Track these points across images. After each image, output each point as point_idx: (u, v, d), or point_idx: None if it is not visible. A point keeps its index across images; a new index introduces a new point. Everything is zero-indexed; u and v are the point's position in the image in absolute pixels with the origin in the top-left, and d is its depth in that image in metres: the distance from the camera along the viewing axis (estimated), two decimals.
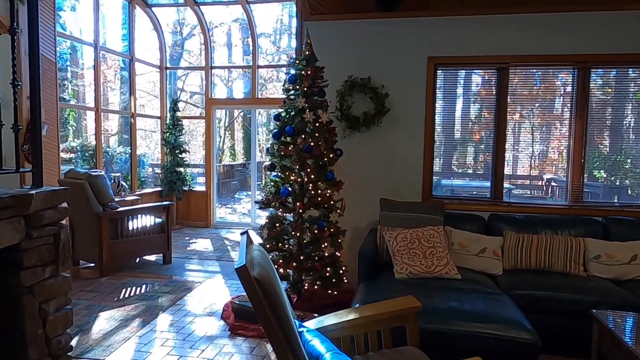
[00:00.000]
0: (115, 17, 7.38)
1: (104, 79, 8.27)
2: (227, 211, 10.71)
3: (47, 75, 5.31)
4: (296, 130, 3.72)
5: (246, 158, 14.26)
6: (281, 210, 3.84)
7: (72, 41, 6.49)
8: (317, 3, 4.15)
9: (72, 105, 6.94)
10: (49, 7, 5.25)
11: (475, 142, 4.64)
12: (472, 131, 4.59)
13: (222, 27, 11.05)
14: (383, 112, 4.25)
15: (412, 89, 4.27)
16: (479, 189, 4.89)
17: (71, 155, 7.06)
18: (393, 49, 4.27)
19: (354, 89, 4.25)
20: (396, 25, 4.22)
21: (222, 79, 12.70)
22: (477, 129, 4.56)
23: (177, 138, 7.75)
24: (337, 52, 4.35)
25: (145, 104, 10.32)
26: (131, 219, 5.22)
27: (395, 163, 4.37)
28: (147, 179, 8.43)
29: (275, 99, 10.25)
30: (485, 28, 4.13)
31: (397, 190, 4.34)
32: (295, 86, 3.77)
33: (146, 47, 8.12)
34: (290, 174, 3.77)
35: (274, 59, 12.33)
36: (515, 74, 4.29)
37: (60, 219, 2.58)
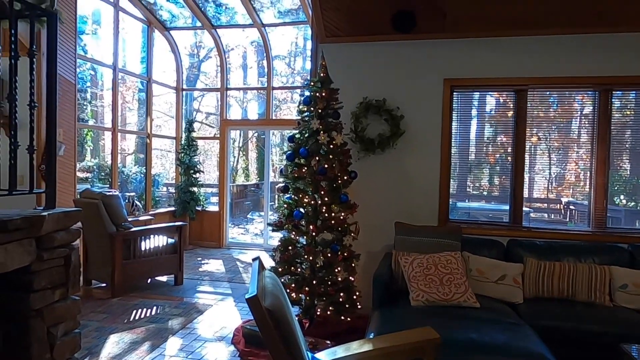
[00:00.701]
0: (136, 40, 7.55)
1: (122, 100, 8.42)
2: (240, 231, 10.67)
3: (66, 97, 5.41)
4: (310, 152, 3.69)
5: (259, 178, 14.29)
6: (294, 233, 3.78)
7: (92, 63, 6.63)
8: (332, 26, 4.16)
9: (90, 125, 7.05)
10: (70, 31, 5.38)
11: (491, 164, 4.54)
12: (488, 153, 4.50)
13: (238, 50, 11.23)
14: (398, 134, 4.20)
15: (428, 111, 4.22)
16: (495, 212, 4.77)
17: (88, 174, 7.13)
18: (409, 71, 4.25)
19: (369, 111, 4.22)
20: (412, 47, 4.20)
21: (238, 100, 12.84)
22: (493, 151, 4.48)
23: (192, 158, 7.79)
24: (352, 73, 4.34)
25: (162, 124, 10.46)
26: (144, 239, 5.20)
27: (410, 186, 4.30)
28: (162, 199, 8.47)
29: (289, 120, 10.30)
30: (502, 50, 4.09)
31: (413, 214, 4.25)
32: (310, 108, 3.76)
33: (164, 69, 8.28)
34: (303, 196, 3.72)
35: (288, 80, 12.46)
36: (534, 96, 4.22)
37: (72, 240, 2.56)
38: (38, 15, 2.38)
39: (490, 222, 4.46)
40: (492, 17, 3.95)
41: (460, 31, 4.02)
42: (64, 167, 5.45)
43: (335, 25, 4.14)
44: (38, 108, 4.92)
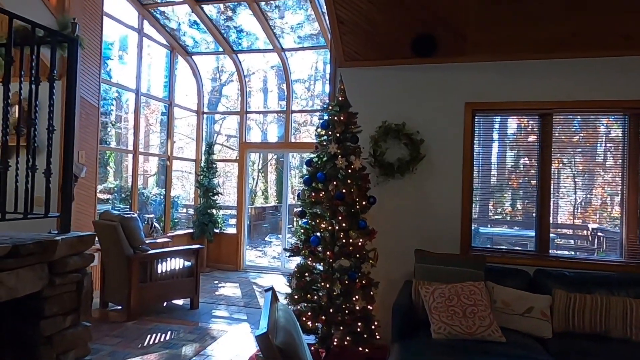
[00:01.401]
0: (159, 65, 7.73)
1: (146, 122, 8.58)
2: (258, 254, 10.60)
3: (89, 120, 5.52)
4: (328, 177, 3.62)
5: (278, 200, 14.27)
6: (311, 259, 3.68)
7: (115, 87, 6.79)
8: (351, 50, 4.15)
9: (112, 148, 7.18)
10: (95, 56, 5.53)
11: (514, 189, 4.39)
12: (511, 177, 4.35)
13: (259, 74, 11.40)
14: (418, 159, 4.10)
15: (449, 135, 4.12)
16: (519, 237, 4.60)
17: (109, 196, 7.22)
18: (429, 95, 4.18)
19: (388, 135, 4.15)
20: (432, 71, 4.14)
21: (258, 123, 12.97)
22: (516, 175, 4.33)
23: (211, 180, 7.83)
24: (371, 97, 4.30)
25: (183, 146, 10.61)
26: (161, 262, 5.18)
27: (431, 212, 4.17)
28: (181, 220, 8.50)
29: (308, 143, 10.29)
30: (526, 73, 3.99)
31: (433, 241, 4.11)
32: (328, 132, 3.71)
33: (186, 92, 8.44)
34: (320, 221, 3.64)
35: (307, 103, 12.56)
36: (559, 120, 4.08)
37: (85, 265, 2.52)
38: (59, 41, 2.41)
39: (515, 251, 4.28)
40: (514, 40, 3.87)
41: (482, 54, 3.95)
42: (85, 189, 5.52)
43: (354, 50, 4.13)
44: (61, 131, 5.01)
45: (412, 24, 3.82)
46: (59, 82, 5.06)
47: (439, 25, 3.80)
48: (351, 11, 3.76)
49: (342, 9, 3.73)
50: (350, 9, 3.74)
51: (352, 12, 3.77)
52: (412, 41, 3.91)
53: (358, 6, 3.71)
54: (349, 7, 3.73)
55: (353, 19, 3.84)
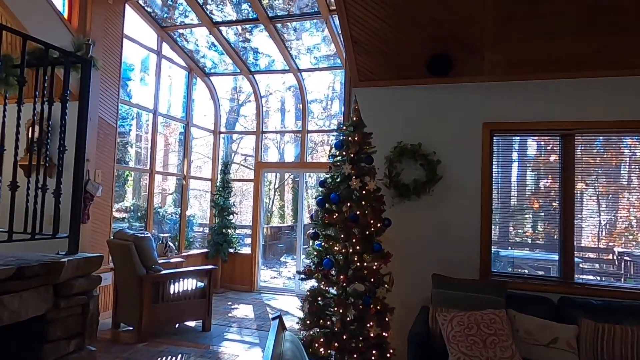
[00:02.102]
0: (179, 85, 7.84)
1: (165, 142, 8.68)
2: (272, 274, 10.48)
3: (107, 139, 5.59)
4: (342, 198, 3.54)
5: (294, 220, 14.20)
6: (324, 283, 3.57)
7: (132, 107, 6.89)
8: (366, 70, 4.11)
9: (129, 167, 7.25)
10: (114, 77, 5.63)
11: (535, 211, 4.22)
12: (532, 199, 4.19)
13: (276, 95, 11.50)
14: (435, 180, 4.00)
15: (466, 155, 4.02)
16: (541, 261, 4.41)
17: (125, 215, 7.26)
18: (445, 115, 4.09)
19: (404, 156, 4.07)
20: (448, 90, 4.07)
21: (275, 143, 13.04)
22: (537, 196, 4.17)
23: (226, 200, 7.82)
24: (386, 117, 4.24)
25: (201, 165, 10.70)
26: (173, 282, 5.13)
27: (448, 235, 4.03)
28: (196, 239, 8.48)
29: (324, 163, 10.26)
30: (546, 92, 3.88)
31: (451, 265, 3.96)
32: (342, 152, 3.65)
33: (205, 112, 8.52)
34: (334, 244, 3.54)
35: (324, 123, 12.58)
36: (581, 140, 3.94)
37: (91, 288, 2.48)
38: (73, 62, 2.43)
39: (537, 277, 4.09)
40: (533, 59, 3.78)
41: (500, 74, 3.86)
42: (100, 208, 5.55)
43: (368, 69, 4.09)
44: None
45: (427, 43, 3.77)
46: (76, 102, 5.18)
47: (454, 44, 3.73)
48: (365, 31, 3.74)
49: (356, 29, 3.71)
50: (364, 28, 3.71)
51: (366, 32, 3.74)
52: (427, 60, 3.86)
53: (372, 26, 3.69)
54: (363, 27, 3.70)
55: (367, 39, 3.81)
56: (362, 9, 3.55)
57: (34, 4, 4.59)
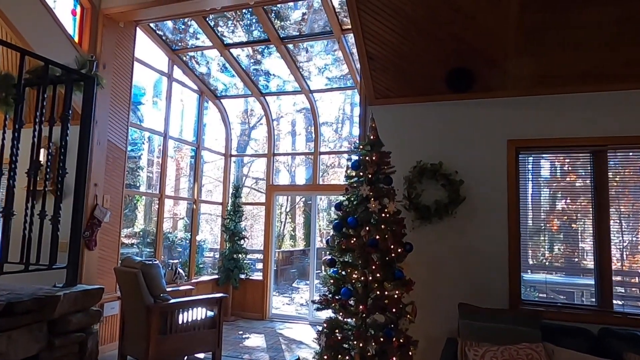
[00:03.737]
0: (190, 109, 7.78)
1: (177, 166, 8.57)
2: (285, 301, 10.17)
3: (116, 163, 5.47)
4: (359, 221, 3.32)
5: (306, 244, 13.93)
6: (342, 314, 3.31)
7: (143, 131, 6.81)
8: (382, 87, 3.95)
9: (138, 191, 7.12)
10: (124, 100, 5.56)
11: (565, 232, 3.94)
12: (562, 219, 3.92)
13: (287, 117, 11.44)
14: (458, 201, 3.76)
15: (491, 175, 3.79)
16: (574, 286, 4.10)
17: (134, 240, 7.09)
18: (467, 132, 3.89)
19: (424, 176, 3.85)
20: (470, 107, 3.87)
21: (286, 166, 12.92)
22: (568, 217, 3.90)
23: (237, 224, 7.63)
24: (403, 136, 4.04)
25: (212, 189, 10.57)
26: (182, 312, 4.88)
27: (474, 260, 3.77)
28: (207, 265, 8.26)
29: (336, 185, 10.04)
30: (574, 106, 3.67)
31: (477, 293, 3.68)
32: (359, 173, 3.44)
33: (216, 136, 8.44)
34: (352, 271, 3.30)
35: (335, 146, 12.47)
36: (614, 157, 3.69)
37: (90, 324, 2.27)
38: (75, 80, 2.29)
39: (572, 305, 3.78)
40: (559, 72, 3.58)
41: (524, 88, 3.66)
42: (108, 234, 5.39)
43: (385, 86, 3.92)
44: (87, 174, 4.94)
45: (447, 57, 3.60)
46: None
47: (475, 58, 3.56)
48: (381, 46, 3.58)
49: (372, 45, 3.56)
50: (380, 44, 3.56)
51: (382, 47, 3.59)
52: (446, 75, 3.68)
53: (388, 41, 3.53)
54: (379, 42, 3.55)
55: (383, 54, 3.66)
56: (378, 24, 3.41)
57: (44, 27, 4.56)
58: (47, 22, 4.63)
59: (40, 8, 4.56)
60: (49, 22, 4.65)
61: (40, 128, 2.09)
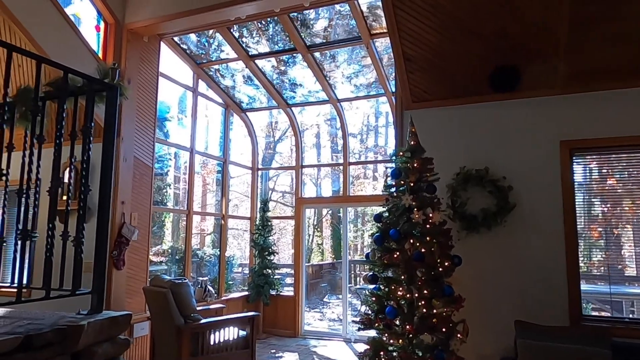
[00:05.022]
0: (215, 123, 7.70)
1: (203, 182, 8.50)
2: (316, 316, 9.88)
3: (143, 180, 5.37)
4: (402, 234, 3.06)
5: (335, 257, 13.64)
6: (386, 335, 3.04)
7: (169, 147, 6.74)
8: (419, 89, 3.70)
9: (165, 208, 7.02)
10: (150, 116, 5.47)
11: (628, 238, 3.56)
12: (624, 226, 3.55)
13: (312, 130, 11.30)
14: (507, 209, 3.45)
15: (542, 179, 3.47)
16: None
17: (162, 258, 6.99)
18: (514, 135, 3.59)
19: (469, 183, 3.57)
20: (517, 107, 3.57)
21: (311, 178, 12.75)
22: (632, 223, 3.52)
23: (266, 239, 7.44)
24: (444, 141, 3.77)
25: (238, 204, 10.47)
26: (214, 332, 4.69)
27: (527, 272, 3.44)
28: (236, 281, 8.09)
29: (365, 197, 9.80)
30: (634, 102, 3.32)
31: (533, 308, 3.35)
32: (400, 181, 3.20)
33: (241, 149, 8.32)
34: (396, 287, 3.03)
35: (360, 157, 12.26)
36: None
37: (117, 354, 2.06)
38: (97, 90, 2.13)
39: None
40: (615, 66, 3.26)
41: (577, 85, 3.35)
42: (137, 253, 5.27)
43: (422, 89, 3.67)
44: (114, 191, 4.85)
45: (490, 55, 3.33)
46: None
47: (522, 54, 3.28)
48: (419, 46, 3.35)
49: (408, 44, 3.33)
50: (417, 42, 3.33)
51: (420, 46, 3.36)
52: (490, 74, 3.41)
53: (426, 39, 3.30)
54: (417, 41, 3.32)
55: (421, 55, 3.42)
56: (415, 22, 3.18)
57: (67, 43, 4.52)
58: (72, 39, 4.60)
59: (64, 24, 4.53)
60: (73, 38, 4.62)
61: (60, 142, 1.93)
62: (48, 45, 4.25)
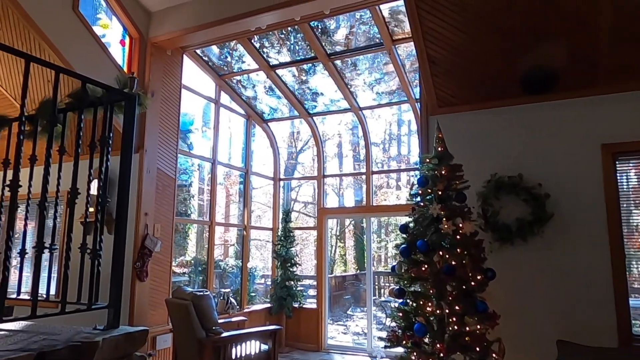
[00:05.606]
0: (237, 133, 7.69)
1: (227, 193, 8.48)
2: (340, 329, 9.66)
3: (166, 191, 5.36)
4: (431, 245, 2.90)
5: (359, 268, 13.42)
6: (415, 354, 2.87)
7: (193, 158, 6.74)
8: (446, 93, 3.55)
9: (188, 219, 7.00)
10: (173, 128, 5.49)
11: None
12: None
13: (334, 140, 11.22)
14: (544, 218, 3.25)
15: (583, 186, 3.26)
16: None
17: (185, 269, 6.96)
18: (550, 139, 3.39)
19: (501, 190, 3.38)
20: (552, 109, 3.38)
21: (334, 188, 12.64)
22: None
23: (288, 250, 7.33)
24: (473, 147, 3.61)
25: (261, 214, 10.42)
26: (235, 345, 4.59)
27: (568, 287, 3.22)
28: (258, 293, 7.99)
29: (388, 206, 9.62)
30: None
31: (576, 327, 3.12)
32: (427, 190, 3.05)
33: (263, 160, 8.28)
34: (425, 302, 2.87)
35: (383, 166, 12.10)
36: None
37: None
38: (116, 100, 2.08)
39: None
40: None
41: (620, 83, 3.14)
42: (159, 264, 5.24)
43: (449, 93, 3.52)
44: (137, 203, 4.82)
45: (523, 54, 3.17)
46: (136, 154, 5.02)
47: (557, 53, 3.10)
48: (444, 47, 3.21)
49: (433, 46, 3.20)
50: (443, 44, 3.19)
51: (445, 48, 3.22)
52: (522, 75, 3.23)
53: (452, 41, 3.16)
54: (442, 42, 3.18)
55: (447, 57, 3.28)
56: (440, 22, 3.05)
57: (94, 58, 4.57)
58: (98, 54, 4.66)
59: (91, 40, 4.60)
60: (100, 54, 4.68)
61: (76, 153, 1.87)
62: (75, 60, 4.32)
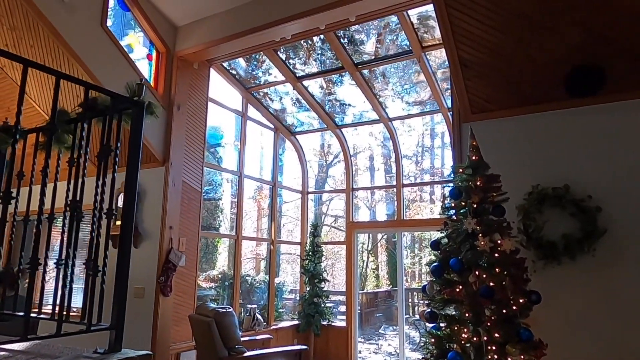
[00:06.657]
0: (266, 147, 7.61)
1: (258, 206, 8.39)
2: (371, 348, 9.30)
3: (191, 205, 5.30)
4: (466, 264, 2.63)
5: (391, 285, 13.02)
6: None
7: (220, 172, 6.68)
8: (479, 98, 3.30)
9: (214, 233, 6.91)
10: (199, 140, 5.45)
11: None
12: None
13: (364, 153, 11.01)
14: (596, 235, 2.91)
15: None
16: None
17: (212, 284, 6.86)
18: (599, 146, 3.06)
19: (544, 203, 3.07)
20: (601, 113, 3.06)
21: (365, 202, 12.38)
22: None
23: (316, 265, 7.12)
24: (511, 156, 3.32)
25: (292, 228, 10.28)
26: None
27: (625, 313, 2.85)
28: (287, 309, 7.79)
29: (421, 220, 9.25)
30: None
31: (632, 358, 2.74)
32: (460, 202, 2.79)
33: (292, 173, 8.17)
34: (460, 328, 2.59)
35: (415, 179, 11.76)
36: None
37: None
38: (123, 109, 1.97)
39: None
40: None
41: None
42: (184, 279, 5.15)
43: (483, 98, 3.27)
44: (162, 216, 4.75)
45: (566, 54, 2.89)
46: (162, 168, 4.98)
47: (606, 51, 2.81)
48: (478, 48, 2.97)
49: (465, 48, 2.97)
50: (476, 45, 2.96)
51: (479, 50, 2.98)
52: (566, 77, 2.94)
53: (486, 41, 2.92)
54: (475, 44, 2.95)
55: (480, 59, 3.04)
56: (472, 21, 2.83)
57: (122, 74, 4.57)
58: (126, 70, 4.68)
59: (118, 55, 4.63)
60: (127, 69, 4.70)
61: (79, 163, 1.76)
62: (103, 76, 4.34)
